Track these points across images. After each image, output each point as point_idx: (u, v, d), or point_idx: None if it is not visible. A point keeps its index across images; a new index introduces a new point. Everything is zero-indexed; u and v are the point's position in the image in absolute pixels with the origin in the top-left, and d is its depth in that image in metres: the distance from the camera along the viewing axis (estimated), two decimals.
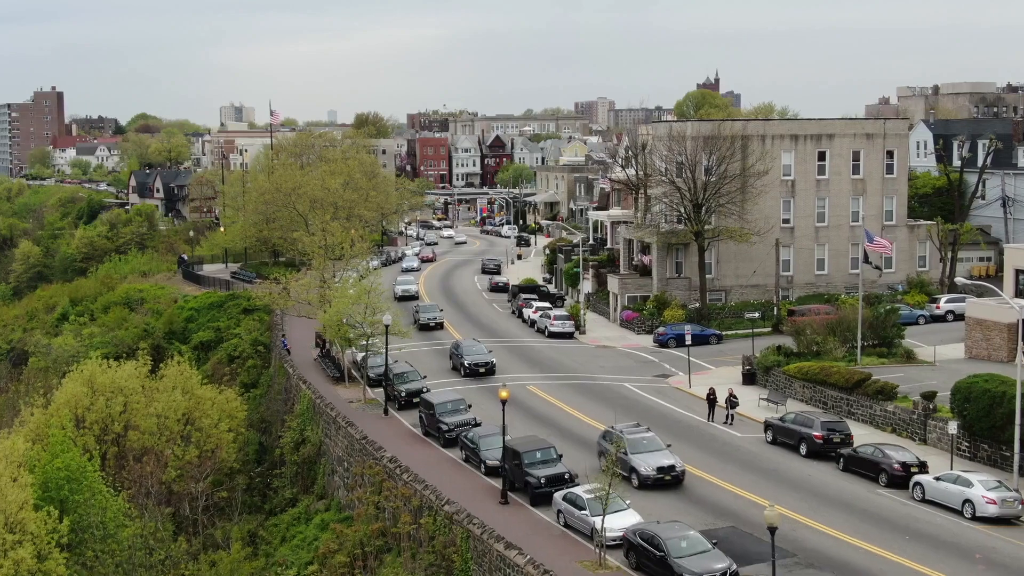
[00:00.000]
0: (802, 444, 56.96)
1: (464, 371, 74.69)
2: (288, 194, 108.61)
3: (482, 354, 76.00)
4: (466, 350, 76.51)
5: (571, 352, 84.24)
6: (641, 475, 50.87)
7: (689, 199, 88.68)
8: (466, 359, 75.25)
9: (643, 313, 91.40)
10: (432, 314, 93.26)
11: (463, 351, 76.44)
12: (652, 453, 51.77)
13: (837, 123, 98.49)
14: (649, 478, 50.62)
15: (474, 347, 77.45)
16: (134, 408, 62.94)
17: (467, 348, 76.99)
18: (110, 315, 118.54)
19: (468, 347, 77.21)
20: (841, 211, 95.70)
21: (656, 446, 52.55)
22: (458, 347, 77.62)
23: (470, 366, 74.54)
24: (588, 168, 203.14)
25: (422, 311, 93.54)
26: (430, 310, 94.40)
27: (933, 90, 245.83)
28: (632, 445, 51.56)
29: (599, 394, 69.69)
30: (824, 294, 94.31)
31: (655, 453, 51.87)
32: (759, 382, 71.82)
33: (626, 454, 50.50)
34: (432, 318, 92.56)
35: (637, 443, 52.03)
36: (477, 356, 75.70)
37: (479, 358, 75.45)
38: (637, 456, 51.41)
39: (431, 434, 61.09)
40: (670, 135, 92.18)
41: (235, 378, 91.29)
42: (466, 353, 76.01)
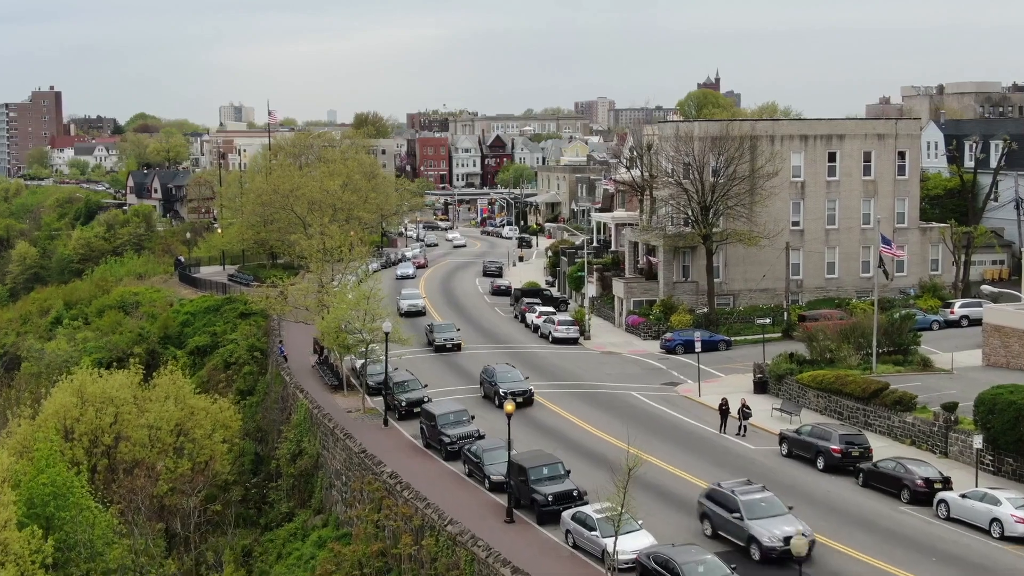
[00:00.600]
0: (819, 458, 54.69)
1: (500, 401, 64.07)
2: (286, 196, 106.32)
3: (518, 382, 67.27)
4: (501, 377, 67.47)
5: (576, 358, 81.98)
6: (764, 547, 42.07)
7: (697, 201, 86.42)
8: (502, 387, 66.34)
9: (649, 318, 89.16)
10: (449, 334, 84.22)
11: (497, 378, 67.33)
12: (774, 518, 43.11)
13: (848, 123, 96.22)
14: (774, 550, 41.72)
15: (509, 374, 68.25)
16: (125, 419, 60.71)
17: (502, 375, 67.77)
18: (104, 319, 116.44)
19: (503, 374, 68.00)
20: (852, 213, 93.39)
21: (778, 509, 43.97)
22: (491, 374, 68.27)
23: (507, 395, 64.30)
24: (590, 168, 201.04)
25: (437, 331, 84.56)
26: (446, 330, 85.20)
27: (938, 90, 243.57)
28: (748, 508, 43.50)
29: (606, 404, 67.41)
30: (835, 298, 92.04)
31: (778, 518, 43.17)
32: (771, 391, 69.56)
33: (741, 519, 43.37)
34: (449, 339, 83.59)
35: (754, 506, 43.65)
36: (514, 384, 66.67)
37: (516, 386, 66.46)
38: (756, 523, 42.89)
39: (432, 446, 58.86)
40: (677, 135, 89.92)
41: (231, 385, 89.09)
42: (501, 381, 67.02)
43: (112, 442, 60.16)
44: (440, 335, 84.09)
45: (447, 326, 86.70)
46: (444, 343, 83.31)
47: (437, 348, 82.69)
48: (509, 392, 65.17)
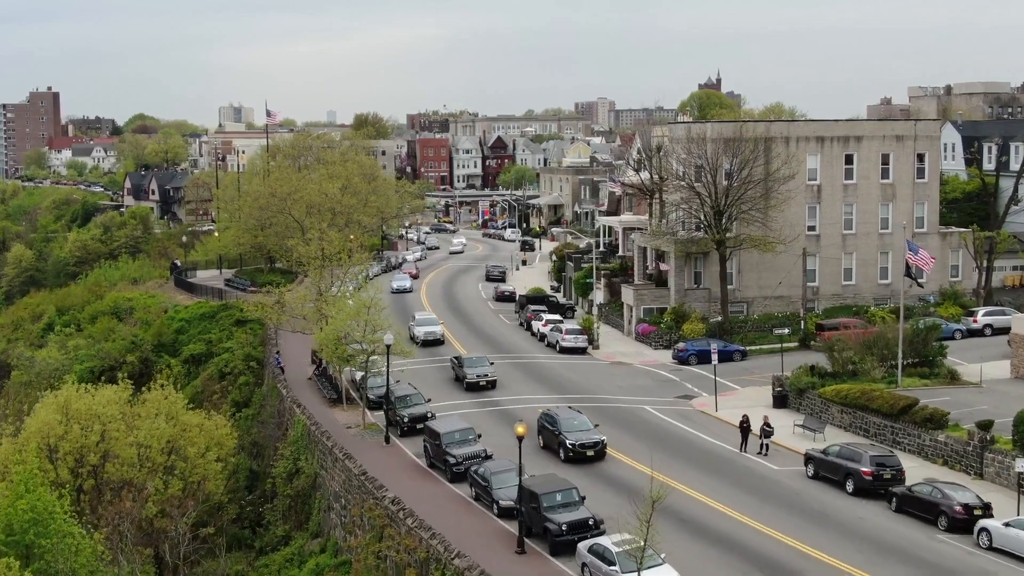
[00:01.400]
0: (848, 480, 51.44)
1: (567, 454, 54.90)
2: (283, 199, 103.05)
3: (587, 430, 56.14)
4: (565, 424, 56.08)
5: (585, 369, 78.72)
6: None
7: (710, 205, 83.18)
8: (568, 437, 55.41)
9: (660, 327, 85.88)
10: (482, 369, 71.92)
11: (561, 426, 55.95)
12: None
13: (865, 124, 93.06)
14: None
15: (575, 420, 56.76)
16: (113, 437, 57.35)
17: (566, 422, 56.27)
18: (97, 326, 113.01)
19: (567, 421, 56.48)
20: (869, 218, 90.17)
21: None
22: (554, 421, 56.58)
23: (575, 447, 54.64)
24: (593, 170, 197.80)
25: (468, 366, 72.04)
26: (478, 364, 72.46)
27: (945, 90, 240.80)
28: None
29: (619, 419, 64.11)
30: (852, 306, 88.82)
31: None
32: (791, 405, 66.30)
33: None
34: (483, 375, 71.35)
35: None
36: (583, 434, 55.72)
37: (586, 437, 55.55)
38: None
39: (436, 466, 55.63)
40: (688, 137, 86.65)
41: (226, 396, 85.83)
42: (566, 429, 55.83)
43: (99, 461, 56.84)
44: (472, 370, 71.58)
45: (479, 360, 73.54)
46: (477, 380, 70.99)
47: (469, 386, 70.77)
48: (577, 444, 54.84)
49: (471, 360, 73.55)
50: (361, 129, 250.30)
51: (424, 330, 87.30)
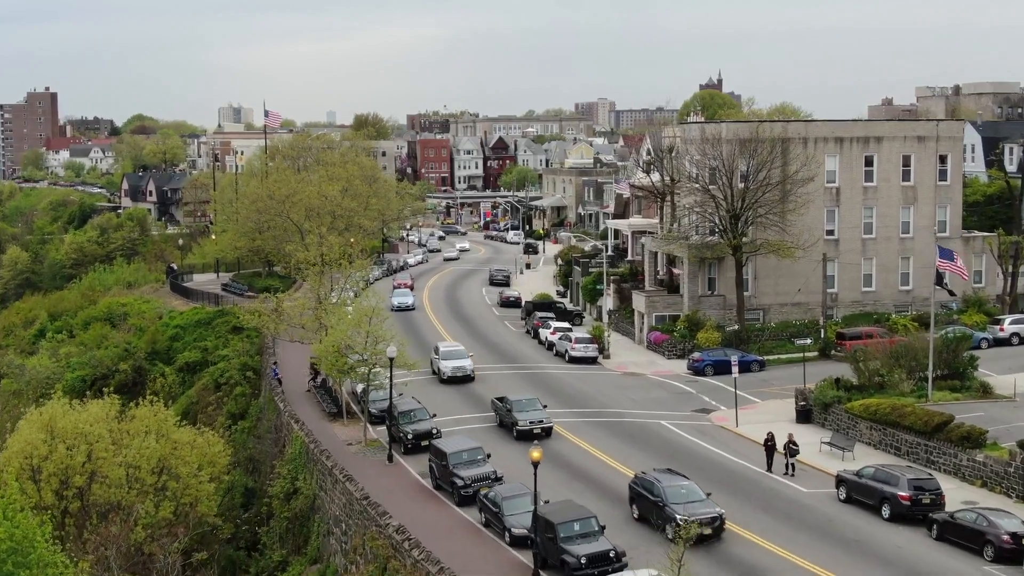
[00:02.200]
0: (884, 505, 48.09)
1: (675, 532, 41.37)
2: (281, 202, 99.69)
3: (700, 501, 45.46)
4: (671, 495, 45.40)
5: (596, 381, 75.35)
6: None
7: (726, 209, 79.86)
8: (677, 511, 44.28)
9: (674, 335, 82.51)
10: (536, 415, 60.36)
11: (666, 495, 45.44)
12: None
13: (886, 125, 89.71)
14: None
15: (683, 489, 46.06)
16: (100, 456, 53.99)
17: (671, 491, 45.68)
18: (89, 332, 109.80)
19: (673, 490, 45.77)
20: (890, 222, 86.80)
21: None
22: (659, 490, 46.00)
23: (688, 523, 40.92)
24: (597, 171, 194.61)
25: (519, 410, 60.56)
26: (529, 407, 60.84)
27: (954, 90, 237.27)
28: None
29: (634, 435, 60.76)
30: (872, 313, 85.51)
31: None
32: (816, 421, 62.97)
33: None
34: (537, 421, 59.83)
35: None
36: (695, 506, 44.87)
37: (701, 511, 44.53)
38: None
39: (443, 488, 52.31)
40: (703, 137, 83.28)
41: (221, 407, 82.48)
42: (673, 500, 45.09)
43: (85, 483, 53.50)
44: (524, 416, 60.02)
45: (529, 403, 61.47)
46: (530, 428, 59.29)
47: (520, 435, 58.93)
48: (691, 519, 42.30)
49: (522, 403, 61.29)
50: (361, 130, 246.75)
51: (452, 365, 73.69)
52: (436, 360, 75.85)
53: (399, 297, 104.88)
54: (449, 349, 77.35)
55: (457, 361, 74.76)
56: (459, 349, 77.59)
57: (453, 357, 75.35)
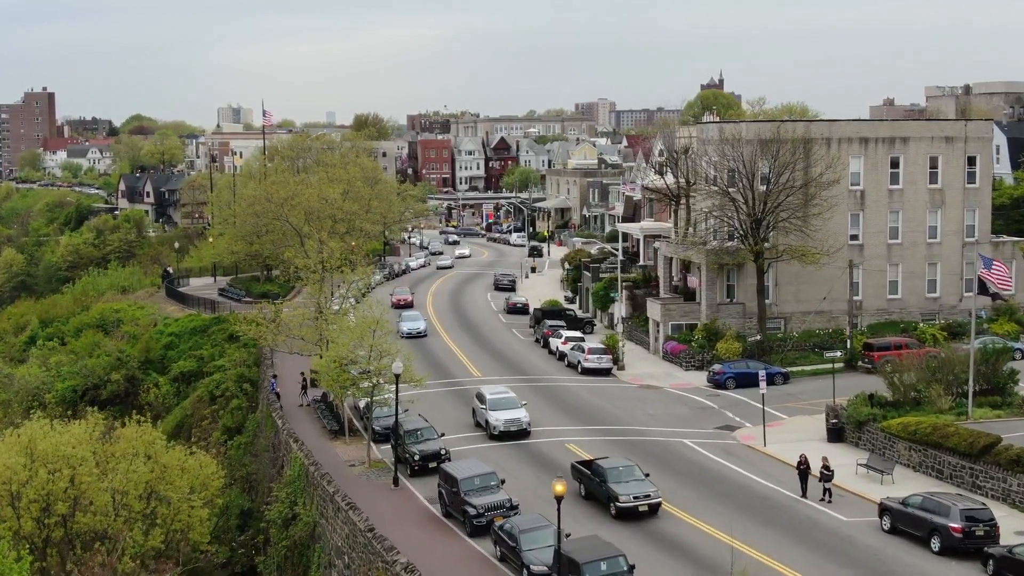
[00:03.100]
0: (934, 537, 44.23)
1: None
2: (280, 205, 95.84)
3: None
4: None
5: (611, 394, 71.49)
6: None
7: (746, 213, 76.04)
8: None
9: (691, 345, 78.65)
10: (642, 487, 48.23)
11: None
12: None
13: (912, 125, 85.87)
14: None
15: None
16: (84, 481, 50.13)
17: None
18: (81, 340, 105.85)
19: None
20: (916, 226, 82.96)
21: None
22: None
23: None
24: (602, 172, 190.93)
25: (615, 480, 48.37)
26: (630, 476, 48.74)
27: (964, 90, 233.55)
28: None
29: (657, 456, 56.87)
30: (898, 322, 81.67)
31: None
32: (849, 439, 59.14)
33: None
34: (644, 496, 47.84)
35: None
36: None
37: None
38: None
39: (453, 515, 48.51)
40: (722, 138, 79.44)
41: (216, 421, 78.69)
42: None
43: (68, 510, 49.68)
44: (623, 488, 47.86)
45: (627, 470, 49.03)
46: (634, 504, 47.51)
47: (621, 513, 47.47)
48: None
49: (618, 472, 48.40)
50: (362, 130, 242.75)
51: (503, 418, 60.25)
52: (482, 411, 61.96)
53: (410, 322, 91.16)
54: (498, 397, 62.37)
55: (509, 412, 60.72)
56: (509, 396, 62.64)
57: (504, 407, 61.19)
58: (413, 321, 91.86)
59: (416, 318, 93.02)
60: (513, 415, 60.72)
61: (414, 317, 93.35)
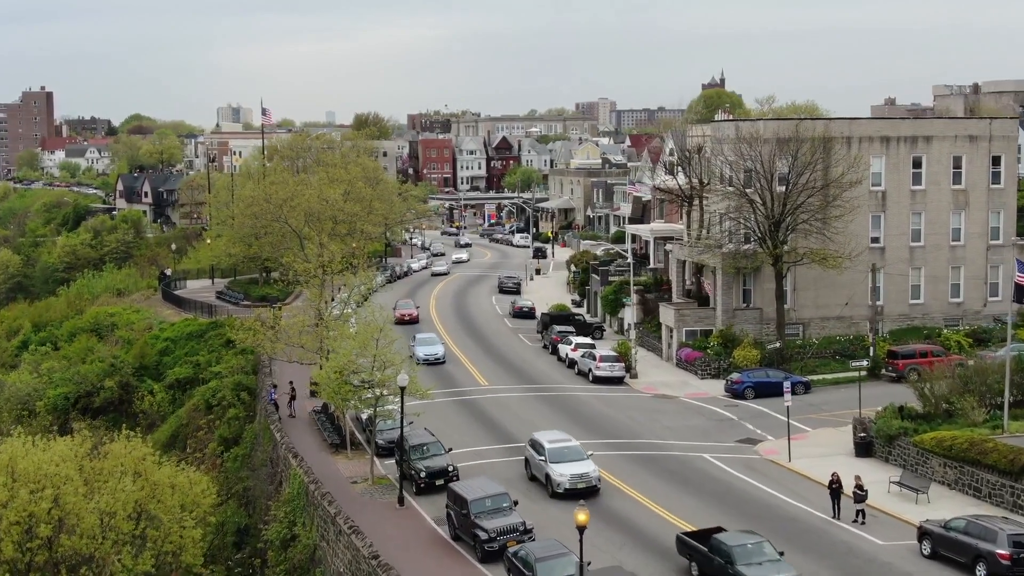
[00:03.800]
0: (979, 564, 41.17)
1: None
2: (279, 206, 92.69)
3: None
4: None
5: (624, 404, 68.40)
6: None
7: (764, 215, 72.97)
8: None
9: (707, 352, 75.56)
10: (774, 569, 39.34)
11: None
12: None
13: (935, 123, 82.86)
14: None
15: None
16: (68, 502, 47.01)
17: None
18: (75, 345, 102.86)
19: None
20: (939, 228, 79.90)
21: None
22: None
23: None
24: (606, 172, 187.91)
25: (744, 560, 39.60)
26: (758, 554, 39.93)
27: (973, 89, 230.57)
28: None
29: (677, 473, 53.79)
30: (921, 328, 78.65)
31: None
32: (878, 454, 56.06)
33: None
34: None
35: None
36: None
37: None
38: None
39: (462, 539, 45.44)
40: (738, 136, 76.35)
41: (212, 431, 75.51)
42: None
43: (52, 533, 46.61)
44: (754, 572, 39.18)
45: (756, 548, 40.32)
46: None
47: None
48: None
49: (747, 550, 39.89)
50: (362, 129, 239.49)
51: (570, 472, 49.59)
52: (540, 463, 50.69)
53: (426, 347, 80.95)
54: (560, 446, 51.03)
55: (576, 465, 50.00)
56: (572, 445, 51.37)
57: (568, 458, 50.31)
58: (430, 345, 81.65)
59: (432, 341, 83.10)
60: (580, 468, 50.06)
61: (430, 340, 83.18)
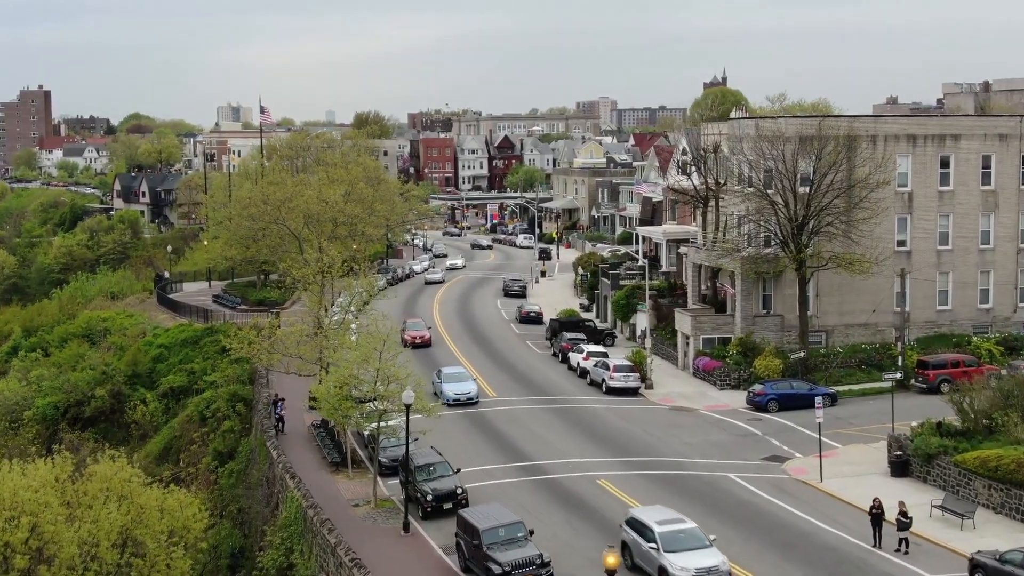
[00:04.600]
0: None
1: None
2: (277, 208, 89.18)
3: None
4: None
5: (641, 418, 64.78)
6: None
7: (787, 217, 69.36)
8: None
9: (726, 361, 71.93)
10: None
11: None
12: None
13: (964, 121, 79.21)
14: None
15: None
16: (47, 531, 43.46)
17: None
18: (66, 351, 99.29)
19: None
20: (968, 231, 76.28)
21: None
22: None
23: None
24: (611, 171, 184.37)
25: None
26: None
27: (983, 87, 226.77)
28: None
29: (703, 495, 50.13)
30: (949, 335, 75.04)
31: None
32: (915, 474, 52.47)
33: None
34: None
35: None
36: None
37: None
38: None
39: (472, 570, 41.83)
40: (758, 135, 72.71)
41: (206, 444, 71.92)
42: None
43: (29, 564, 43.08)
44: None
45: None
46: None
47: None
48: None
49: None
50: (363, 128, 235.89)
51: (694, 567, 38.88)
52: (650, 552, 40.28)
53: (456, 384, 67.64)
54: (674, 529, 40.69)
55: (700, 556, 39.46)
56: (690, 528, 41.04)
57: (687, 546, 39.92)
58: (460, 383, 68.01)
59: (462, 377, 69.49)
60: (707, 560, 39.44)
61: (459, 376, 69.51)
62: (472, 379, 70.09)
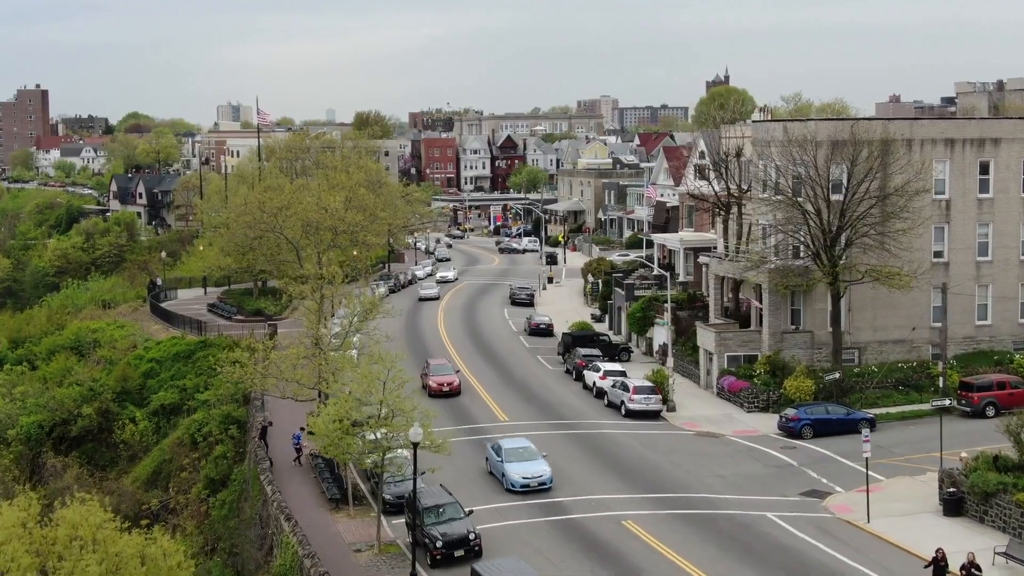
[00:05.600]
0: None
1: None
2: (274, 215, 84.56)
3: None
4: None
5: (665, 445, 60.06)
6: None
7: (819, 227, 64.69)
8: None
9: (754, 381, 67.26)
10: None
11: None
12: None
13: (1004, 124, 74.54)
14: None
15: None
16: None
17: None
18: (53, 364, 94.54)
19: None
20: (1009, 241, 71.69)
21: None
22: None
23: None
24: (617, 172, 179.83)
25: None
26: None
27: (997, 86, 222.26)
28: None
29: (740, 540, 45.35)
30: (989, 352, 70.47)
31: None
32: (970, 513, 47.81)
33: None
34: None
35: None
36: None
37: None
38: None
39: None
40: (787, 139, 68.02)
41: (198, 470, 67.21)
42: None
43: None
44: None
45: None
46: None
47: None
48: None
49: None
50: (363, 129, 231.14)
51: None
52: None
53: (522, 465, 51.74)
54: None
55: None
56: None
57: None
58: (528, 462, 52.00)
59: (530, 454, 52.72)
60: None
61: (525, 453, 52.84)
62: (542, 455, 53.13)
